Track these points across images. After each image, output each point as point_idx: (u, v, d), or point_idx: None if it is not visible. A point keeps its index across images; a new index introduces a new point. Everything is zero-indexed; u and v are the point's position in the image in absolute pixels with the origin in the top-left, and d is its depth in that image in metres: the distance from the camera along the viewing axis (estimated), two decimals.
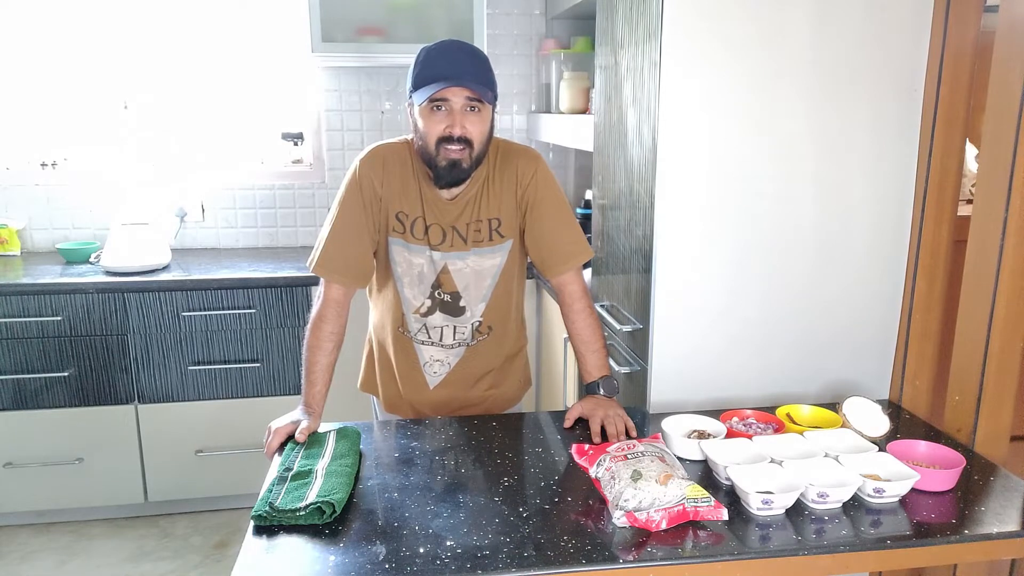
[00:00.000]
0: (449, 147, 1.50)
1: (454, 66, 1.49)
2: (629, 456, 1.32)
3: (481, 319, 1.69)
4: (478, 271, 1.65)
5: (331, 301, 1.62)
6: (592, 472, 1.35)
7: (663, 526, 1.19)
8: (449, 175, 1.53)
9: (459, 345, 1.70)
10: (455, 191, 1.60)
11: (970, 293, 1.53)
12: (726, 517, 1.22)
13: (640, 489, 1.21)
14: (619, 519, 1.21)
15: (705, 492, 1.23)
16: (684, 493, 1.21)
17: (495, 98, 1.55)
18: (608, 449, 1.38)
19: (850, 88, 1.63)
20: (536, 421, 1.67)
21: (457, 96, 1.48)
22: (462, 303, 1.66)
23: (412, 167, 1.62)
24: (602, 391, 1.63)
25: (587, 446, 1.46)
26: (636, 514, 1.20)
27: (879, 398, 1.78)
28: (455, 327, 1.68)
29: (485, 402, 1.78)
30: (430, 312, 1.67)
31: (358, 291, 1.67)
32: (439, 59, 1.50)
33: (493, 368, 1.76)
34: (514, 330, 1.78)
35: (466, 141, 1.50)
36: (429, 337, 1.69)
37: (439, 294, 1.65)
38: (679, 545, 1.17)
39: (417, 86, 1.51)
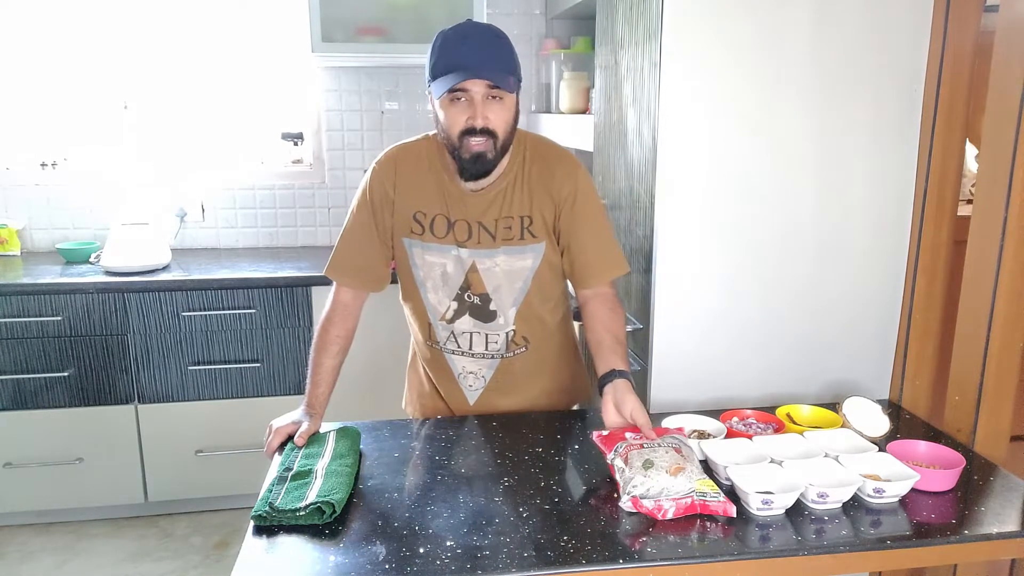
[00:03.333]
0: (472, 140, 1.43)
1: (472, 54, 1.40)
2: (645, 445, 1.31)
3: (515, 328, 1.61)
4: (509, 272, 1.57)
5: (339, 304, 1.62)
6: (609, 458, 1.35)
7: (669, 515, 1.20)
8: (474, 167, 1.46)
9: (492, 356, 1.63)
10: (481, 183, 1.53)
11: (970, 293, 1.53)
12: (734, 514, 1.22)
13: (649, 477, 1.22)
14: (625, 503, 1.22)
15: (716, 487, 1.23)
16: (694, 486, 1.22)
17: (518, 83, 1.46)
18: (626, 435, 1.36)
19: (850, 88, 1.63)
20: (536, 421, 1.67)
21: (477, 86, 1.40)
22: (492, 306, 1.59)
23: (430, 163, 1.56)
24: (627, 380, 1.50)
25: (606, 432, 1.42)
26: (642, 501, 1.20)
27: (879, 398, 1.78)
28: (486, 335, 1.61)
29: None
30: (457, 316, 1.60)
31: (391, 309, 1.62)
32: (456, 46, 1.41)
33: (535, 380, 1.69)
34: (559, 348, 1.69)
35: (489, 132, 1.44)
36: (458, 346, 1.63)
37: (468, 296, 1.58)
38: (679, 545, 1.17)
39: (435, 76, 1.42)
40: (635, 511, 1.22)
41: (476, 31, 1.45)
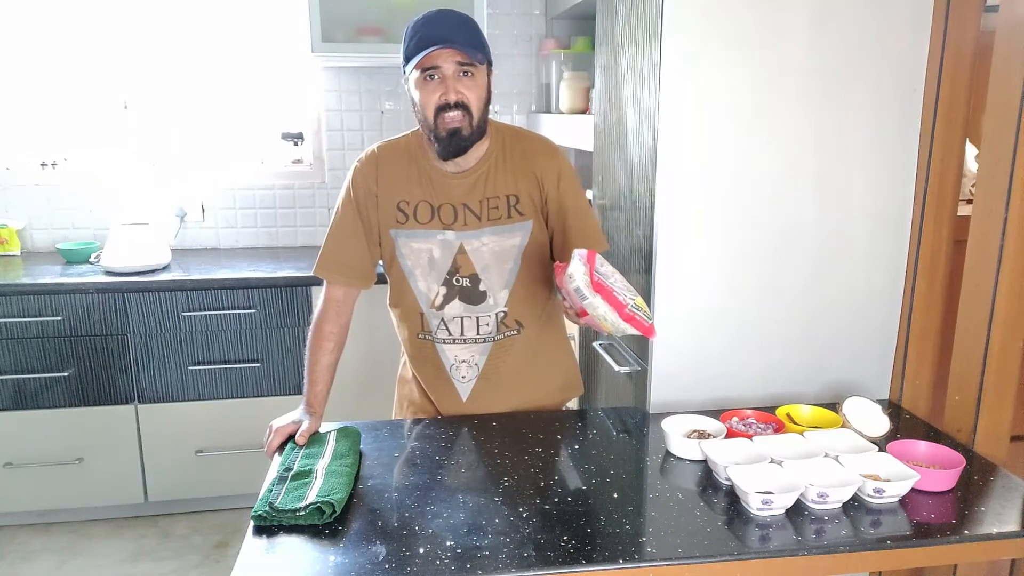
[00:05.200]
0: (447, 115, 1.46)
1: (439, 30, 1.45)
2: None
3: (506, 310, 1.64)
4: (497, 251, 1.59)
5: (331, 301, 1.63)
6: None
7: (591, 293, 1.28)
8: (451, 144, 1.49)
9: (484, 340, 1.64)
10: (461, 164, 1.56)
11: (970, 293, 1.53)
12: (654, 336, 1.34)
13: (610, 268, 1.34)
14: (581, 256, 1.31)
15: (647, 309, 1.32)
16: (635, 300, 1.31)
17: (487, 60, 1.51)
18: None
19: (850, 88, 1.63)
20: (535, 421, 1.67)
21: (447, 62, 1.45)
22: (482, 287, 1.60)
23: (411, 154, 1.60)
24: None
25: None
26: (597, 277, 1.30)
27: (879, 398, 1.78)
28: (477, 318, 1.62)
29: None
30: (446, 302, 1.61)
31: (379, 315, 1.63)
32: (424, 27, 1.46)
33: (528, 371, 1.69)
34: (551, 337, 1.72)
35: (463, 106, 1.47)
36: (449, 333, 1.63)
37: (457, 280, 1.60)
38: (679, 545, 1.17)
39: (407, 58, 1.47)
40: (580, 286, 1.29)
41: (442, 13, 1.50)
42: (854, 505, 1.28)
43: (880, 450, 1.40)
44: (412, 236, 1.60)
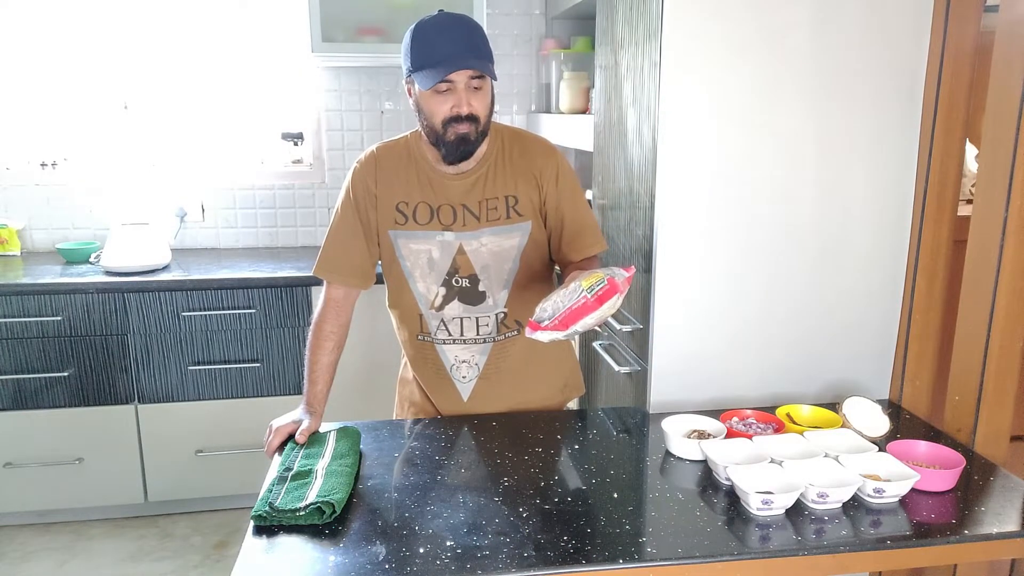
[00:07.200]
0: (457, 126, 1.48)
1: (454, 45, 1.45)
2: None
3: (506, 310, 1.64)
4: (496, 252, 1.60)
5: (331, 301, 1.63)
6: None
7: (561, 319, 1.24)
8: (458, 150, 1.52)
9: (484, 341, 1.65)
10: (461, 166, 1.58)
11: (970, 293, 1.53)
12: (630, 274, 1.28)
13: (548, 299, 1.27)
14: (528, 333, 1.27)
15: (599, 276, 1.26)
16: (581, 286, 1.25)
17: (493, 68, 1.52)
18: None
19: (850, 88, 1.63)
20: (536, 421, 1.67)
21: (461, 76, 1.46)
22: (481, 287, 1.61)
23: (411, 155, 1.61)
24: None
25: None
26: (544, 323, 1.25)
27: (879, 398, 1.78)
28: (477, 319, 1.63)
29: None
30: (446, 303, 1.62)
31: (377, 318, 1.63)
32: (437, 38, 1.47)
33: (528, 371, 1.70)
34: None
35: (473, 118, 1.49)
36: (449, 334, 1.64)
37: (456, 281, 1.61)
38: (679, 545, 1.17)
39: (417, 67, 1.48)
40: (532, 331, 1.27)
41: (452, 22, 1.49)
42: (854, 505, 1.28)
43: (880, 450, 1.40)
44: (411, 237, 1.60)
